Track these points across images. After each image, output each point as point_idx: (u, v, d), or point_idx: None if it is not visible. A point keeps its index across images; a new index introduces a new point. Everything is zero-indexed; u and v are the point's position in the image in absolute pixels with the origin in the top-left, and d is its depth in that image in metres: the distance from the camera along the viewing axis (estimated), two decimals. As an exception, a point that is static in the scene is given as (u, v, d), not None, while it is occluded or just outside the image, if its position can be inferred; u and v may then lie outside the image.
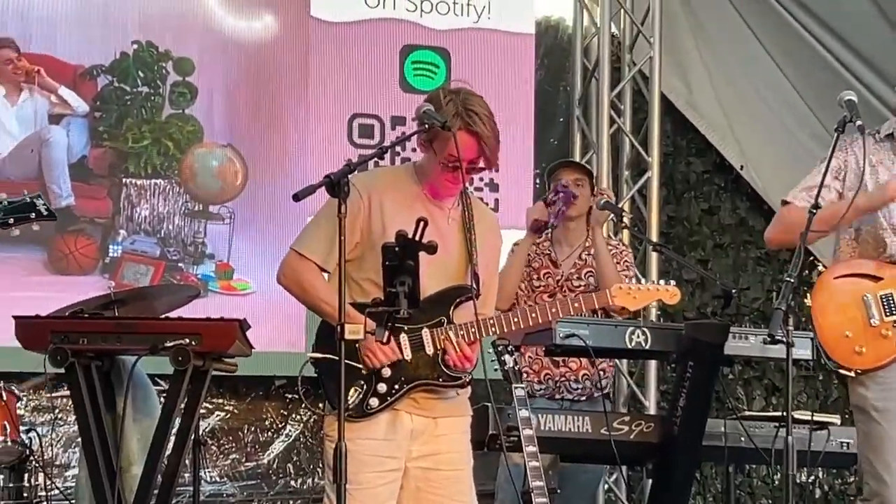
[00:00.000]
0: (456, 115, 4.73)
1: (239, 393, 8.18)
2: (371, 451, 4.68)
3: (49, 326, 5.07)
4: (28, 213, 5.35)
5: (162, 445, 5.11)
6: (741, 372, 9.13)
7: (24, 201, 5.35)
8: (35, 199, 5.40)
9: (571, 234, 6.85)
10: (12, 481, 5.81)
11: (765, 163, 9.27)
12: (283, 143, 8.17)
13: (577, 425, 6.16)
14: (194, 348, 4.97)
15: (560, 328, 5.97)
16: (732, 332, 6.15)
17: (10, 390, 5.81)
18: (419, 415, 4.84)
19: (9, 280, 7.35)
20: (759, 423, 6.39)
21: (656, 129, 8.82)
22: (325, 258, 4.79)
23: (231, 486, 8.11)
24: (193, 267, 8.01)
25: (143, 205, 7.92)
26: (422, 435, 4.85)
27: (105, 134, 7.87)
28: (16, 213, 5.36)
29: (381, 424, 4.78)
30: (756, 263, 9.39)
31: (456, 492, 4.92)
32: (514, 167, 8.50)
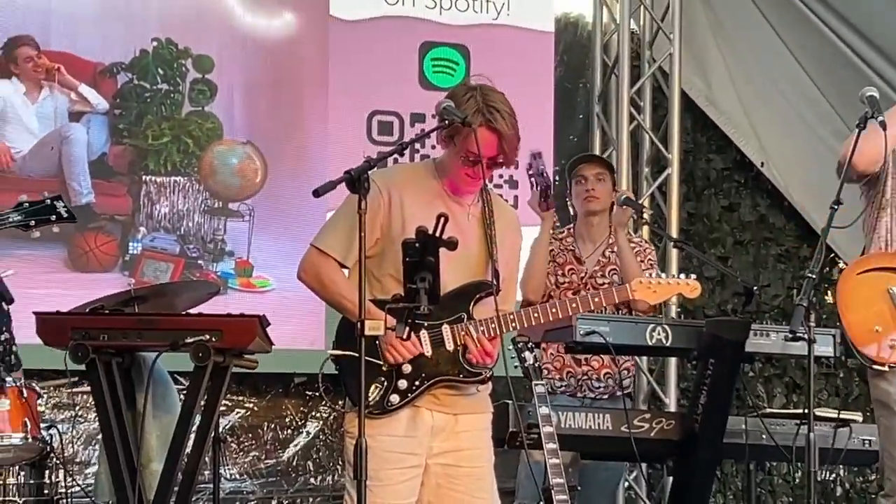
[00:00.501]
0: (477, 112, 4.72)
1: (259, 390, 8.19)
2: (392, 448, 4.68)
3: (70, 323, 5.08)
4: (48, 216, 5.39)
5: (182, 442, 5.12)
6: (762, 369, 9.11)
7: (45, 203, 5.37)
8: (55, 200, 5.42)
9: (595, 229, 6.85)
10: (33, 478, 5.81)
11: (785, 160, 9.24)
12: (302, 140, 8.18)
13: (597, 423, 6.15)
14: (215, 344, 4.98)
15: (580, 325, 5.96)
16: (753, 329, 6.14)
17: (31, 387, 5.81)
18: (440, 411, 4.83)
19: (29, 277, 7.36)
20: (780, 421, 6.37)
21: (676, 126, 8.80)
22: (344, 254, 4.79)
23: (251, 484, 8.11)
24: (213, 264, 8.01)
25: (162, 202, 7.93)
26: (442, 431, 4.84)
27: (125, 131, 7.88)
28: (36, 215, 5.38)
29: (402, 421, 4.78)
30: (776, 260, 9.36)
31: (476, 489, 4.91)
32: (533, 164, 8.49)
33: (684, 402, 8.41)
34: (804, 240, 9.34)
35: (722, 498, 8.93)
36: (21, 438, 5.71)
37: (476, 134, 4.67)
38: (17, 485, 5.78)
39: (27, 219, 5.38)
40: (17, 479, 5.78)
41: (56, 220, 5.43)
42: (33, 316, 5.22)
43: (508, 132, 4.74)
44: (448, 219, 4.49)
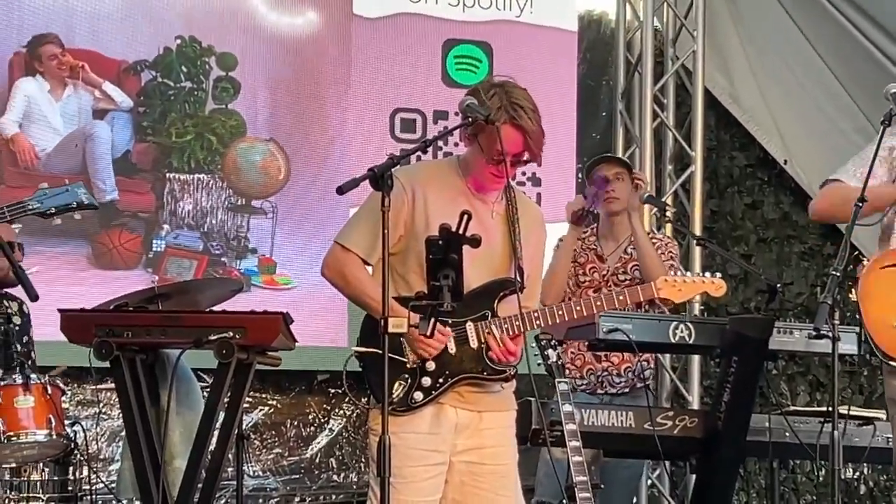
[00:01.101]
0: (501, 109, 4.71)
1: (282, 388, 8.20)
2: (416, 445, 4.67)
3: (94, 320, 5.10)
4: (69, 203, 5.36)
5: (206, 439, 5.13)
6: (785, 367, 9.09)
7: (65, 190, 5.37)
8: (76, 188, 5.41)
9: (616, 228, 6.85)
10: (57, 474, 5.84)
11: (809, 157, 9.22)
12: (325, 137, 8.19)
13: (620, 420, 6.14)
14: (238, 341, 4.98)
15: (603, 323, 5.96)
16: (777, 326, 6.12)
17: (55, 384, 5.83)
18: (464, 408, 4.83)
19: (53, 275, 7.39)
20: (804, 419, 6.35)
21: (699, 124, 8.79)
22: (368, 251, 4.79)
23: (274, 481, 8.13)
24: (236, 261, 8.03)
25: (186, 199, 7.95)
26: (466, 429, 4.84)
27: (149, 129, 7.90)
28: (57, 202, 5.36)
29: (426, 418, 4.78)
30: (800, 258, 9.34)
31: (500, 486, 4.91)
32: (556, 162, 8.49)
33: (707, 400, 8.40)
34: (827, 237, 9.32)
35: (745, 496, 8.91)
36: (45, 435, 5.74)
37: (500, 131, 4.67)
38: (41, 481, 5.82)
39: (47, 206, 5.36)
40: (42, 475, 5.82)
41: (77, 207, 5.39)
42: (57, 313, 5.23)
43: (533, 129, 4.73)
44: (471, 216, 4.48)
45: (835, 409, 5.09)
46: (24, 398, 5.71)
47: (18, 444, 5.71)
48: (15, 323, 6.29)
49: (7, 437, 5.65)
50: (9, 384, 5.73)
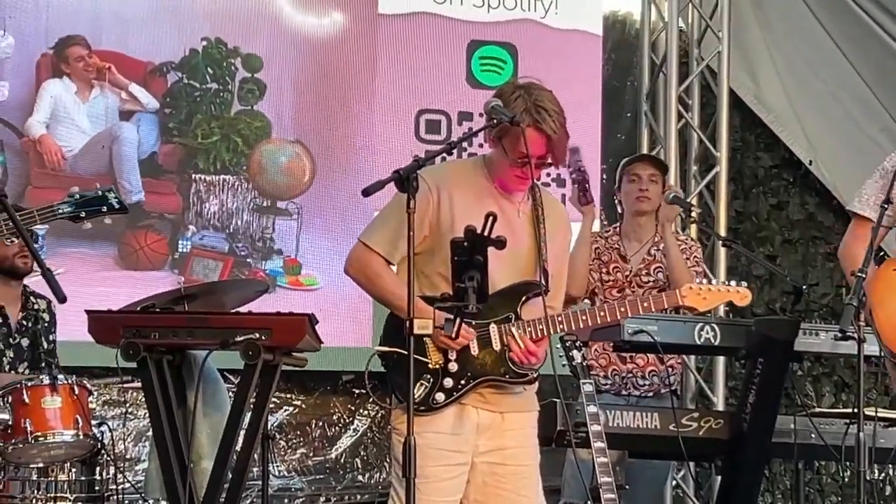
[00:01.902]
0: (525, 112, 4.71)
1: (307, 388, 8.21)
2: (437, 445, 4.68)
3: (121, 321, 5.11)
4: (100, 207, 5.41)
5: (232, 440, 5.14)
6: (810, 368, 9.07)
7: (96, 194, 5.40)
8: (107, 192, 5.44)
9: (641, 229, 6.85)
10: (84, 474, 5.85)
11: (834, 157, 9.19)
12: (350, 138, 8.20)
13: (645, 421, 6.15)
14: (264, 343, 4.99)
15: (628, 324, 5.97)
16: (803, 328, 6.12)
17: (82, 384, 5.86)
18: (486, 409, 4.84)
19: (80, 275, 7.42)
20: (829, 420, 6.34)
21: (724, 124, 8.78)
22: (390, 251, 4.80)
23: (299, 481, 8.14)
24: (262, 262, 8.05)
25: (212, 200, 7.97)
26: (488, 430, 4.85)
27: (175, 130, 7.93)
28: (87, 206, 5.40)
29: (448, 418, 4.79)
30: (825, 259, 9.32)
31: (522, 487, 4.92)
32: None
33: (732, 401, 8.38)
34: (853, 239, 9.28)
35: (770, 497, 8.90)
36: (73, 435, 5.76)
37: (525, 134, 4.68)
38: (68, 481, 5.83)
39: (78, 210, 5.39)
40: (69, 475, 5.83)
41: (108, 211, 5.43)
42: (84, 314, 5.25)
43: (557, 132, 4.73)
44: (496, 218, 4.49)
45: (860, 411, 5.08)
46: (51, 398, 5.73)
47: (46, 444, 5.73)
48: (44, 321, 6.32)
49: (34, 438, 5.68)
50: (36, 384, 5.75)
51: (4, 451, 5.64)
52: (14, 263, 6.09)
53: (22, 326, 6.24)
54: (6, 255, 6.08)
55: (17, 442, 5.67)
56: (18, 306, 6.26)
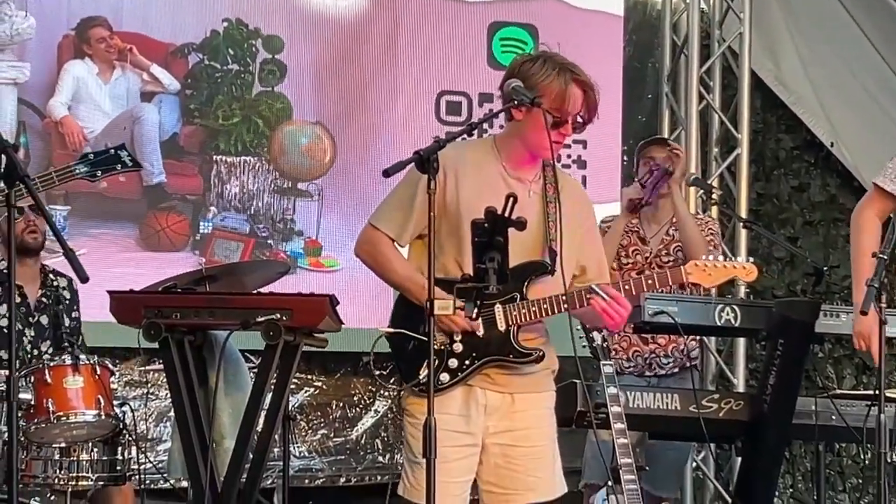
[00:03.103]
0: (561, 70, 4.74)
1: (328, 369, 8.23)
2: (446, 426, 4.61)
3: (143, 301, 5.12)
4: (114, 165, 5.55)
5: (253, 420, 5.15)
6: (831, 350, 9.05)
7: (109, 153, 5.54)
8: (119, 150, 5.57)
9: (659, 211, 6.85)
10: (106, 454, 5.88)
11: (855, 139, 9.17)
12: (371, 120, 8.20)
13: (665, 403, 6.14)
14: (285, 323, 5.00)
15: (648, 305, 5.96)
16: (823, 309, 6.11)
17: (104, 365, 5.88)
18: (494, 390, 4.83)
19: (102, 256, 7.45)
20: (850, 402, 6.33)
21: (746, 106, 8.76)
22: (399, 232, 4.81)
23: (320, 461, 8.16)
24: (282, 244, 8.07)
25: (233, 182, 7.98)
26: (497, 411, 4.84)
27: (196, 111, 7.94)
28: (102, 165, 5.53)
29: (457, 399, 4.79)
30: (846, 241, 9.23)
31: (534, 468, 4.90)
32: (601, 144, 8.48)
33: (753, 383, 8.38)
34: (875, 220, 9.26)
35: (790, 479, 8.89)
36: (94, 415, 5.79)
37: (568, 91, 4.71)
38: (90, 461, 5.86)
39: (94, 169, 5.52)
40: (91, 455, 5.86)
41: (122, 168, 5.58)
42: (106, 294, 5.26)
43: (592, 85, 4.81)
44: (517, 199, 4.49)
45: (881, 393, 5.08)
46: (73, 379, 5.76)
47: (68, 423, 5.76)
48: (65, 299, 6.35)
49: (56, 417, 5.70)
50: (58, 364, 5.78)
51: (27, 430, 5.67)
52: (23, 239, 6.11)
53: (41, 304, 6.27)
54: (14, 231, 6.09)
55: (39, 422, 5.70)
56: (37, 284, 6.28)
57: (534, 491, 4.91)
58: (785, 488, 8.80)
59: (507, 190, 4.58)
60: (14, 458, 4.44)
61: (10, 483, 4.43)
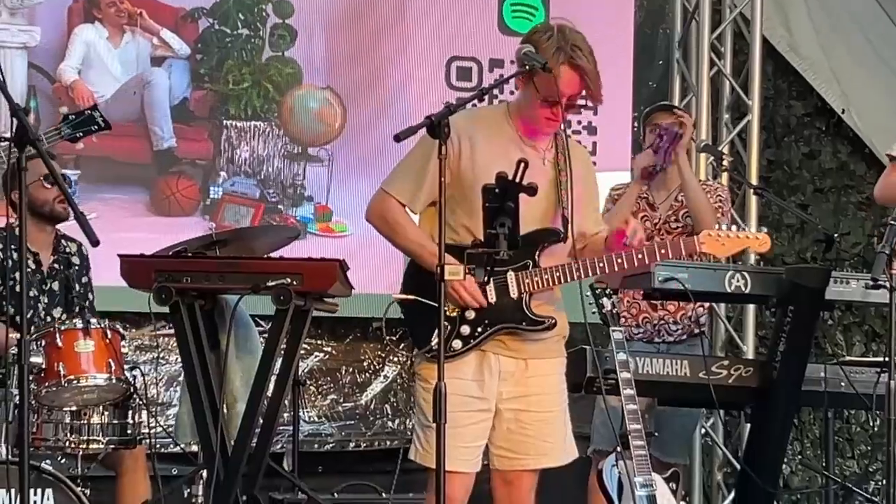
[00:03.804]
0: (558, 50, 4.72)
1: (337, 335, 8.23)
2: (459, 391, 4.68)
3: (153, 265, 5.13)
4: (91, 126, 5.73)
5: (263, 385, 5.17)
6: (840, 317, 9.05)
7: (85, 115, 5.71)
8: (93, 111, 5.74)
9: (668, 177, 6.84)
10: (116, 418, 5.90)
11: (867, 106, 9.14)
12: (381, 85, 8.18)
13: (675, 369, 6.15)
14: (296, 288, 5.01)
15: (658, 272, 5.96)
16: (834, 276, 6.10)
17: (114, 329, 5.89)
18: (508, 356, 4.85)
19: (112, 221, 7.45)
20: (860, 369, 6.34)
21: (757, 72, 8.73)
22: (410, 198, 4.82)
23: (329, 427, 8.18)
24: (292, 209, 8.06)
25: (243, 147, 7.98)
26: (511, 377, 4.86)
27: (206, 76, 7.93)
28: (81, 126, 5.72)
29: (471, 365, 4.81)
30: (857, 208, 9.28)
31: (547, 433, 4.94)
32: (612, 110, 8.44)
33: (762, 350, 8.38)
34: (886, 187, 9.24)
35: (799, 445, 8.90)
36: (105, 379, 5.80)
37: (559, 71, 4.68)
38: (101, 424, 5.87)
39: (75, 131, 5.68)
40: (102, 418, 5.87)
41: (97, 129, 5.77)
42: (117, 259, 5.27)
43: (591, 69, 4.75)
44: (528, 164, 4.50)
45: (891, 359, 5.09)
46: (84, 343, 5.77)
47: (78, 387, 5.77)
48: (74, 264, 6.36)
49: (68, 381, 5.71)
50: (69, 328, 5.79)
51: (38, 394, 5.68)
52: (54, 208, 6.13)
53: (53, 270, 6.27)
54: (46, 199, 6.11)
55: (50, 385, 5.71)
56: (51, 250, 6.29)
57: (546, 456, 4.94)
58: (794, 455, 8.81)
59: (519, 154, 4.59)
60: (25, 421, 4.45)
61: (21, 446, 4.44)
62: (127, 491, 6.06)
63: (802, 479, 8.87)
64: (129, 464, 6.07)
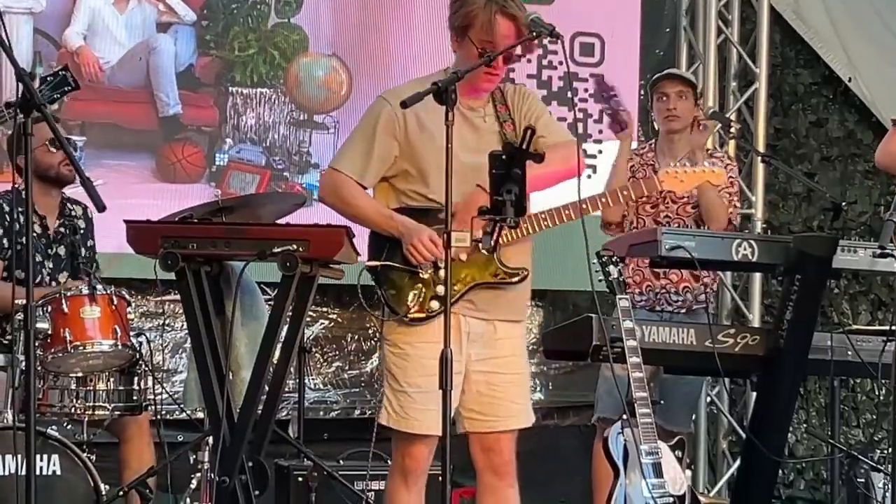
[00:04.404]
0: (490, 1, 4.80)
1: (342, 302, 8.23)
2: (429, 356, 4.67)
3: (159, 231, 5.12)
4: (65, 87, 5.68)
5: (269, 351, 5.16)
6: (847, 286, 9.04)
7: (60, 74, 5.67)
8: (65, 72, 5.69)
9: (676, 145, 6.85)
10: (122, 384, 5.91)
11: (874, 75, 9.11)
12: (387, 52, 8.16)
13: (681, 337, 6.14)
14: (302, 254, 5.00)
15: (665, 240, 5.95)
16: (841, 244, 6.09)
17: (121, 295, 5.89)
18: (476, 317, 4.90)
19: (118, 187, 7.43)
20: (866, 337, 6.33)
21: (764, 40, 8.71)
22: (361, 173, 4.91)
23: (334, 394, 8.19)
24: (298, 176, 8.05)
25: (248, 114, 7.96)
26: (480, 338, 4.92)
27: (211, 42, 7.90)
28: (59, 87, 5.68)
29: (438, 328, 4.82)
30: (864, 176, 9.26)
31: (516, 395, 5.03)
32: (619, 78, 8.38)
33: (768, 319, 8.38)
34: (893, 156, 9.21)
35: (805, 414, 8.91)
36: (111, 345, 5.80)
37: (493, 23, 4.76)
38: (107, 390, 5.89)
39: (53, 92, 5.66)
40: (108, 384, 5.89)
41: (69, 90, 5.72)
42: (123, 226, 5.27)
43: (522, 16, 4.76)
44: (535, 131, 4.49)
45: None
46: (90, 309, 5.77)
47: (84, 353, 5.78)
48: (80, 228, 6.35)
49: (73, 347, 5.72)
50: (75, 295, 5.79)
51: (44, 360, 5.69)
52: (59, 171, 6.13)
53: (59, 235, 6.27)
54: (51, 163, 6.11)
55: (56, 351, 5.71)
56: (56, 214, 6.29)
57: (515, 418, 5.01)
58: (799, 423, 8.82)
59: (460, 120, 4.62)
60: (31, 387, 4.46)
61: (27, 412, 4.45)
62: (132, 457, 6.08)
63: (808, 448, 8.88)
64: (133, 430, 6.08)
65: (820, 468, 8.74)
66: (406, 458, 4.97)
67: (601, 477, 6.28)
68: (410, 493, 5.01)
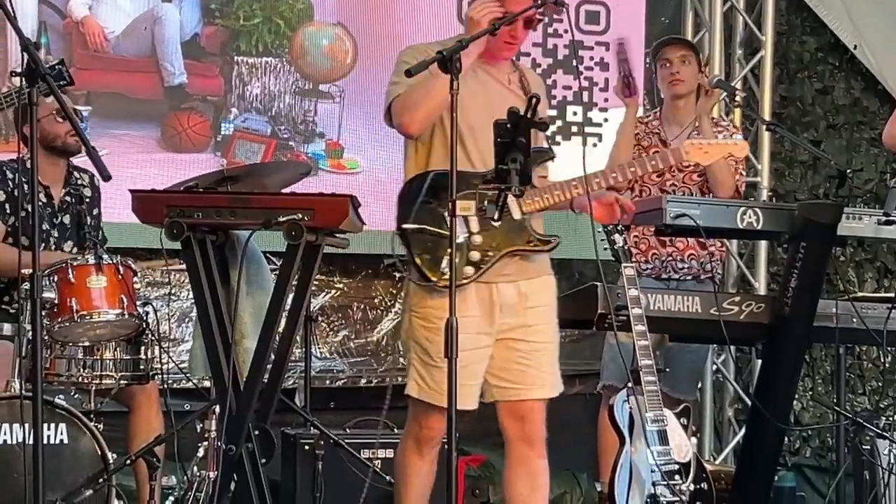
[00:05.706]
0: None
1: (349, 271, 8.24)
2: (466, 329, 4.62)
3: (165, 201, 5.13)
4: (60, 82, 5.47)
5: (275, 320, 5.17)
6: (853, 254, 9.04)
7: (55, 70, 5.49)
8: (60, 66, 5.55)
9: (680, 112, 6.85)
10: (129, 353, 5.93)
11: (879, 43, 9.08)
12: (392, 21, 8.14)
13: (686, 305, 6.15)
14: (307, 223, 5.01)
15: (670, 208, 5.95)
16: (846, 212, 6.10)
17: (127, 265, 5.90)
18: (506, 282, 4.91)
19: (124, 157, 7.44)
20: (871, 305, 6.34)
21: (770, 8, 8.69)
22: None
23: (341, 363, 8.20)
24: (304, 145, 8.04)
25: (254, 83, 7.95)
26: (511, 309, 4.91)
27: (217, 12, 7.88)
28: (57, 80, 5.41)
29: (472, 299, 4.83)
30: (870, 144, 9.24)
31: (544, 364, 5.03)
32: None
33: (774, 287, 8.38)
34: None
35: (810, 381, 8.92)
36: (117, 315, 5.82)
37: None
38: (113, 360, 5.90)
39: None
40: (114, 354, 5.90)
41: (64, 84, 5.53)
42: (128, 196, 5.27)
43: None
44: (539, 100, 4.50)
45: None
46: (96, 278, 5.79)
47: (91, 322, 5.80)
48: (86, 197, 6.36)
49: (80, 316, 5.74)
50: (81, 264, 5.80)
51: (51, 329, 5.70)
52: (66, 141, 6.14)
53: (64, 204, 6.28)
54: (58, 133, 6.12)
55: (63, 321, 5.73)
56: (62, 184, 6.30)
57: (543, 387, 5.01)
58: (805, 391, 8.83)
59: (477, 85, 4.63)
60: (38, 356, 4.47)
61: (34, 381, 4.46)
62: (140, 426, 6.10)
63: (813, 415, 8.89)
64: (141, 399, 6.10)
65: (825, 435, 8.75)
66: (424, 429, 4.98)
67: (607, 445, 6.30)
68: (424, 461, 5.03)
